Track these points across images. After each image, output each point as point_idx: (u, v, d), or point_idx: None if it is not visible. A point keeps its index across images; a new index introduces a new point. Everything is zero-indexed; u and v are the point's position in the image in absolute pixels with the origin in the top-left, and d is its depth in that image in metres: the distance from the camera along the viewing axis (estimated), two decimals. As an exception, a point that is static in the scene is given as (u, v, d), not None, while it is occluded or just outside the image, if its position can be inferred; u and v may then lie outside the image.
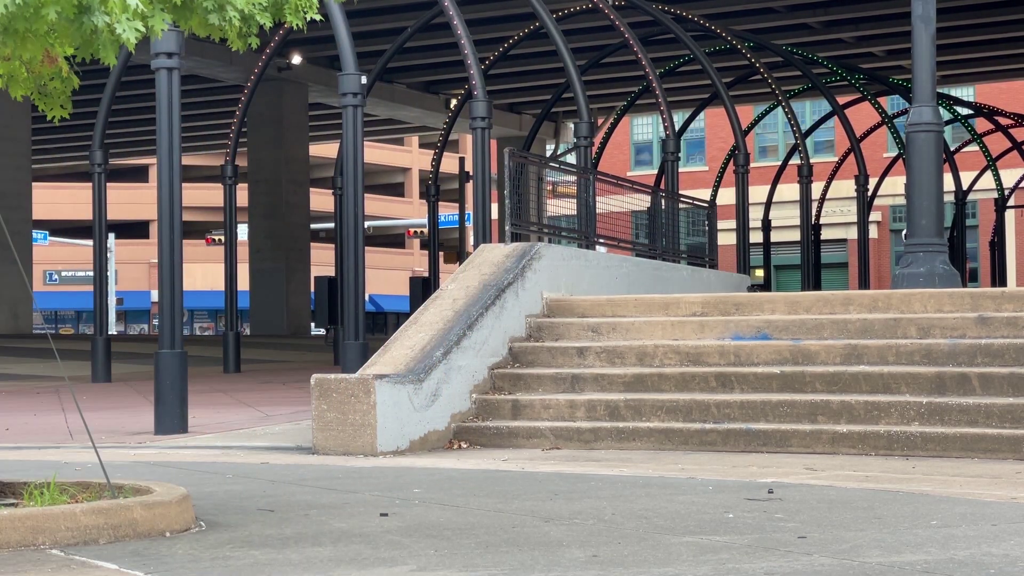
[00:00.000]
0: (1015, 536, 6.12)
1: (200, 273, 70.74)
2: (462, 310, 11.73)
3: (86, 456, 10.07)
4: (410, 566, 5.58)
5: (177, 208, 12.34)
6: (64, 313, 77.59)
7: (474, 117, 15.50)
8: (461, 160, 36.11)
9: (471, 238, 17.96)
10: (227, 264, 22.14)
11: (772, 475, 8.76)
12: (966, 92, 51.45)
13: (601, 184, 16.53)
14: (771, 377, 10.91)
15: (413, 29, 24.59)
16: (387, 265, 77.53)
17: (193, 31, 6.44)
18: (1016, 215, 50.35)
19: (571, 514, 7.00)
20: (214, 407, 14.83)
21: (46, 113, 7.34)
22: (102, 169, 19.71)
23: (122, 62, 17.78)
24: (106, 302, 20.28)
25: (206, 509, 7.21)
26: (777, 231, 39.42)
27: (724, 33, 24.58)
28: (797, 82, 34.14)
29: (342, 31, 14.62)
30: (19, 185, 32.95)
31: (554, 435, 10.87)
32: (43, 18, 5.91)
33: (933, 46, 12.80)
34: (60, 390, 18.45)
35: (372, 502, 7.62)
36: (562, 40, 17.53)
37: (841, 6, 32.49)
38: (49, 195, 69.32)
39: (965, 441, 9.70)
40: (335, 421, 10.51)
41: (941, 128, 12.94)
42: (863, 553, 5.70)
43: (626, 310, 12.50)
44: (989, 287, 27.57)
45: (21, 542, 6.03)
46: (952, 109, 34.84)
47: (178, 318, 12.37)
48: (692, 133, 54.44)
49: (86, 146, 21.79)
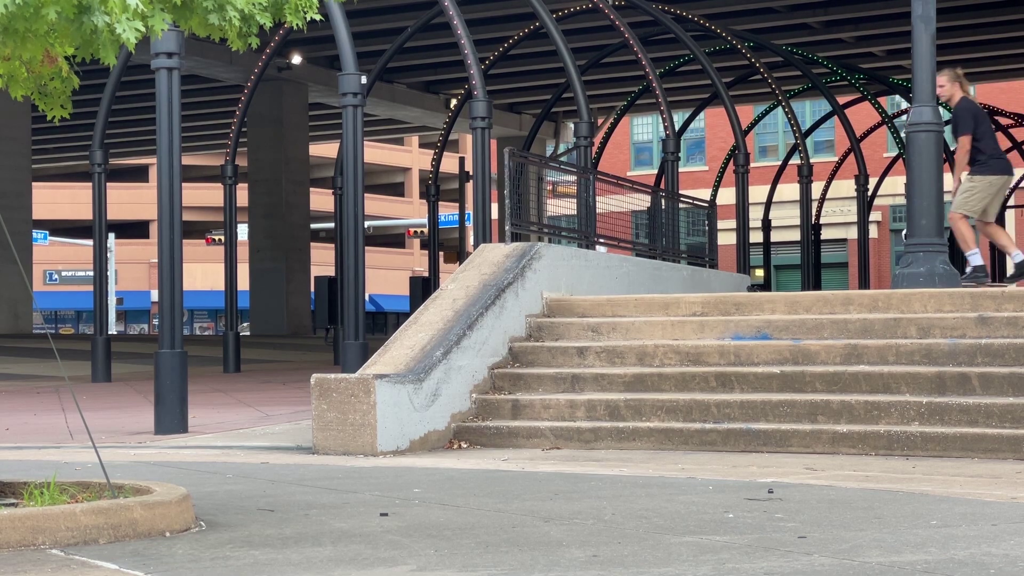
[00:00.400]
0: (1015, 536, 6.12)
1: (200, 273, 70.75)
2: (462, 310, 11.73)
3: (86, 456, 10.07)
4: (410, 566, 5.58)
5: (177, 208, 12.34)
6: (64, 313, 77.61)
7: (474, 117, 15.50)
8: (461, 160, 36.11)
9: (471, 238, 17.96)
10: (227, 264, 22.14)
11: (772, 475, 8.76)
12: (966, 92, 51.39)
13: (601, 184, 16.53)
14: (771, 377, 10.91)
15: (413, 29, 24.59)
16: (387, 265, 77.56)
17: (193, 31, 6.44)
18: (1016, 215, 50.34)
19: (571, 514, 7.00)
20: (214, 407, 14.83)
21: (46, 113, 7.34)
22: (102, 169, 19.71)
23: (122, 62, 17.79)
24: (106, 302, 20.28)
25: (206, 509, 7.21)
26: (777, 231, 39.43)
27: (724, 33, 24.59)
28: (797, 82, 34.15)
29: (342, 31, 14.62)
30: (19, 185, 32.95)
31: (554, 435, 10.87)
32: (43, 18, 5.91)
33: (933, 46, 12.80)
34: (60, 390, 18.46)
35: (372, 502, 7.62)
36: (562, 40, 17.54)
37: (841, 6, 32.49)
38: (49, 195, 69.33)
39: (965, 441, 9.70)
40: (335, 421, 10.51)
41: (941, 128, 12.94)
42: (863, 553, 5.70)
43: (626, 310, 12.50)
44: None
45: (21, 542, 6.03)
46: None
47: (178, 318, 12.37)
48: (692, 133, 54.46)
49: (86, 146, 21.79)
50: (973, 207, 14.27)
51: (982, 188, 14.27)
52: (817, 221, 33.06)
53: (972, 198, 14.29)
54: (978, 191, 14.27)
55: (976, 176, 14.25)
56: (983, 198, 14.30)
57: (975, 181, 14.24)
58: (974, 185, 14.28)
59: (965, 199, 14.31)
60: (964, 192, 14.38)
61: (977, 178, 14.24)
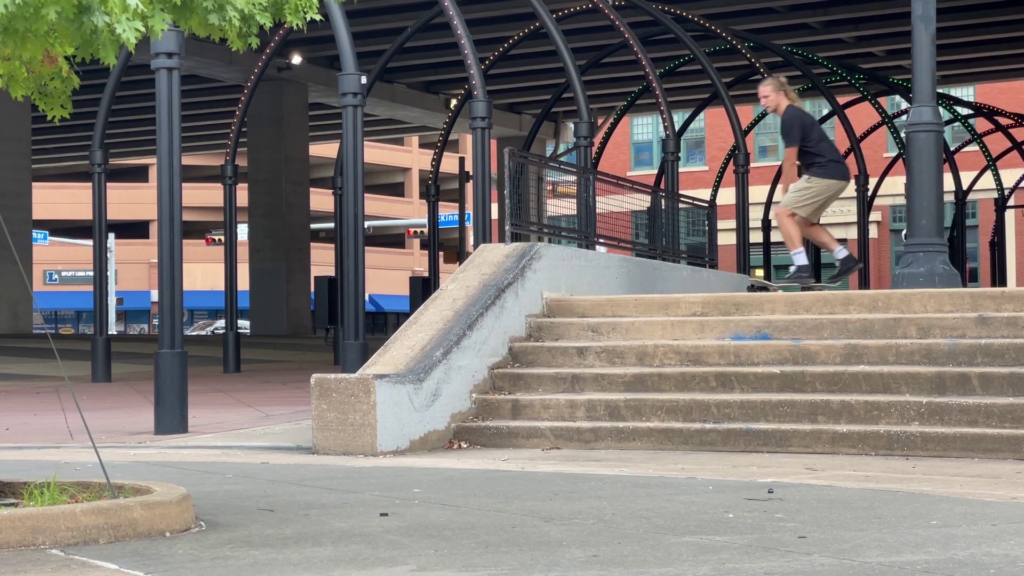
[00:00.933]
0: (1015, 536, 6.12)
1: (200, 273, 70.79)
2: (462, 310, 11.73)
3: (86, 456, 10.07)
4: (410, 566, 5.58)
5: (177, 208, 12.34)
6: (64, 313, 77.64)
7: (474, 117, 15.50)
8: (461, 160, 36.11)
9: (471, 238, 17.96)
10: (227, 264, 22.14)
11: (772, 475, 8.76)
12: (966, 92, 51.47)
13: (601, 184, 16.53)
14: (771, 377, 10.91)
15: (413, 29, 24.59)
16: (387, 265, 77.59)
17: (193, 31, 6.44)
18: (1016, 215, 50.36)
19: (571, 514, 7.00)
20: (214, 407, 14.83)
21: (46, 113, 7.34)
22: (102, 169, 19.71)
23: (122, 62, 17.78)
24: (106, 302, 20.28)
25: (206, 509, 7.21)
26: (777, 231, 39.39)
27: (724, 33, 24.58)
28: (797, 82, 34.09)
29: (342, 31, 14.62)
30: (19, 185, 32.96)
31: (554, 435, 10.87)
32: (43, 18, 5.91)
33: (933, 46, 12.79)
34: (60, 390, 18.46)
35: (372, 502, 7.62)
36: (562, 40, 17.54)
37: (841, 6, 32.50)
38: (49, 195, 69.35)
39: (965, 441, 9.70)
40: (335, 421, 10.51)
41: (941, 128, 12.93)
42: (863, 553, 5.70)
43: (626, 310, 12.50)
44: (989, 287, 27.56)
45: (21, 542, 6.03)
46: (952, 109, 34.84)
47: (178, 318, 12.37)
48: (692, 133, 54.45)
49: (86, 146, 21.79)
50: (804, 207, 14.08)
51: (818, 191, 14.08)
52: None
53: (804, 197, 14.09)
54: (813, 192, 14.08)
55: (815, 178, 14.07)
56: (815, 200, 14.09)
57: (812, 183, 14.09)
58: (810, 186, 14.07)
59: (798, 197, 14.13)
60: (799, 191, 14.21)
61: (815, 180, 14.08)
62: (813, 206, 14.20)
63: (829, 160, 14.19)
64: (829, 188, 14.21)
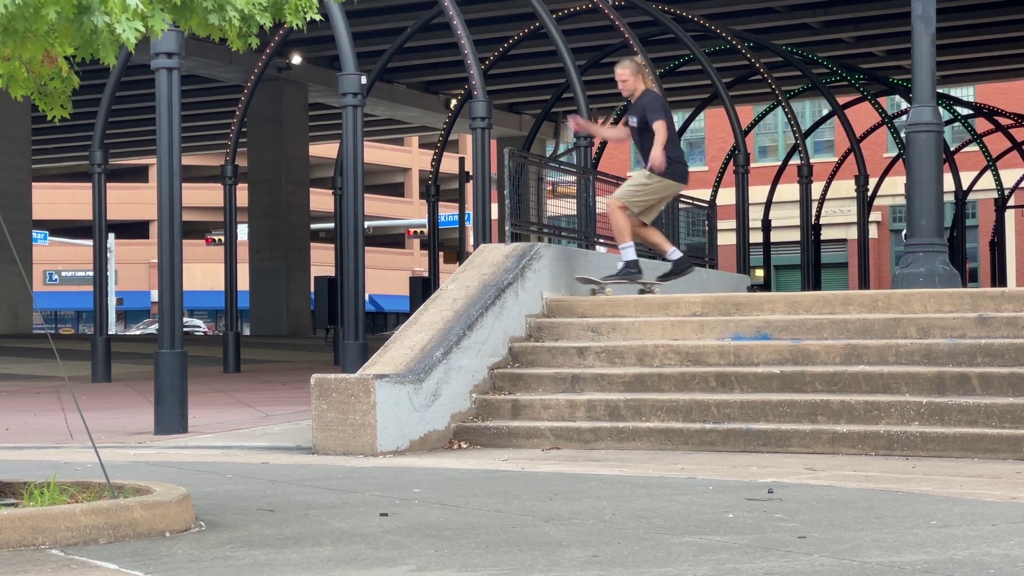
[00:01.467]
0: (1015, 536, 6.12)
1: (200, 273, 70.79)
2: (462, 310, 11.73)
3: (86, 456, 10.07)
4: (410, 566, 5.58)
5: (177, 208, 12.34)
6: (64, 313, 77.64)
7: (474, 117, 15.50)
8: (461, 160, 36.14)
9: (471, 238, 17.97)
10: (227, 264, 22.15)
11: (772, 475, 8.76)
12: (966, 92, 51.47)
13: (601, 184, 16.53)
14: (771, 377, 10.91)
15: (413, 29, 24.60)
16: (387, 265, 77.58)
17: (193, 31, 6.44)
18: (1016, 215, 50.38)
19: (571, 514, 7.00)
20: (214, 407, 14.83)
21: (46, 113, 7.33)
22: (102, 169, 19.71)
23: (122, 62, 17.79)
24: (106, 302, 20.29)
25: (206, 509, 7.21)
26: (777, 231, 39.43)
27: (724, 33, 24.59)
28: (797, 82, 34.16)
29: (342, 31, 14.62)
30: (19, 185, 32.96)
31: (554, 435, 10.87)
32: (43, 18, 5.91)
33: (933, 46, 12.79)
34: (60, 390, 18.46)
35: (372, 502, 7.62)
36: (562, 40, 17.54)
37: (841, 6, 32.50)
38: (49, 195, 69.35)
39: (965, 441, 9.70)
40: (335, 421, 10.51)
41: (941, 128, 12.92)
42: (863, 553, 5.70)
43: (626, 310, 12.50)
44: (989, 287, 27.57)
45: (21, 542, 6.03)
46: (952, 109, 34.85)
47: (178, 318, 12.37)
48: (692, 133, 54.45)
49: (86, 146, 21.80)
50: (636, 202, 13.33)
51: (656, 189, 13.34)
52: (817, 221, 33.06)
53: (640, 193, 13.35)
54: (649, 190, 13.33)
55: (655, 176, 13.24)
56: (649, 199, 13.39)
57: (652, 180, 13.30)
58: (649, 183, 13.31)
59: (632, 192, 13.40)
60: (634, 185, 13.52)
61: (656, 178, 13.23)
62: (646, 204, 13.28)
63: (673, 161, 13.27)
64: (666, 188, 13.35)
